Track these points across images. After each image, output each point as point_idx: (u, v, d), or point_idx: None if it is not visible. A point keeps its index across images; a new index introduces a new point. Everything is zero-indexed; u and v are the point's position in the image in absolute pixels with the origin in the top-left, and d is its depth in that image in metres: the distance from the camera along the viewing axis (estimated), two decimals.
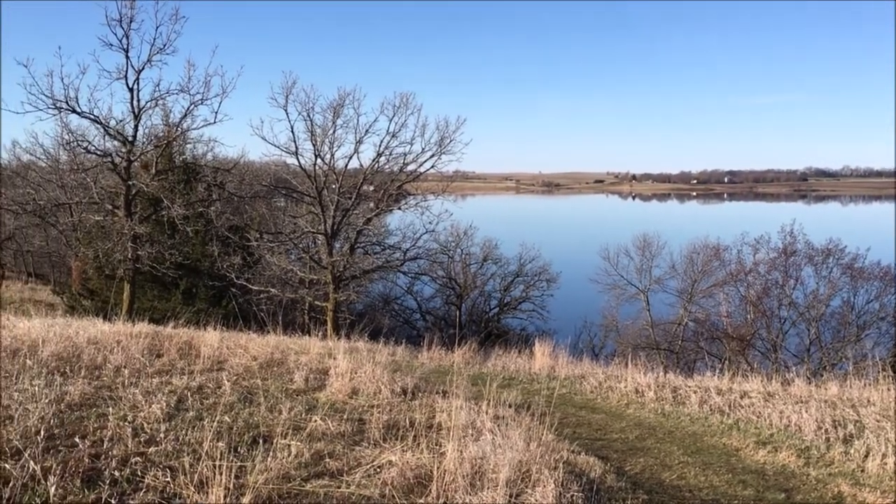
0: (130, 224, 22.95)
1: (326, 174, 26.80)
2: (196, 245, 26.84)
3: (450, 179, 29.54)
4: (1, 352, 9.44)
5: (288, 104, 25.37)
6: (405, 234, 29.51)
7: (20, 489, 4.79)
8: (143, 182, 23.39)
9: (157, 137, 26.12)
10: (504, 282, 41.42)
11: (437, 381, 10.93)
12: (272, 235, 29.27)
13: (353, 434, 6.83)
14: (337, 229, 26.59)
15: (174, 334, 12.43)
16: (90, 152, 24.28)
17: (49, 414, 6.48)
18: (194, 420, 6.81)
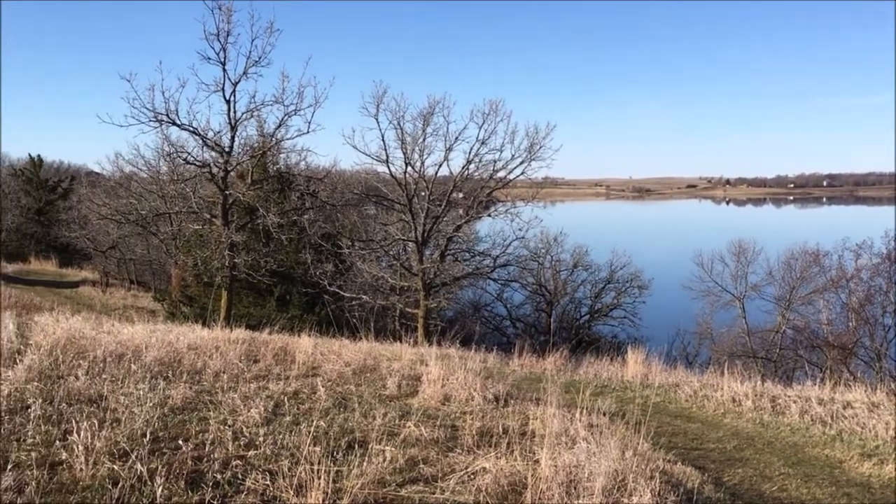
0: (228, 232, 23.50)
1: (417, 182, 27.00)
2: (290, 253, 27.32)
3: (539, 186, 29.41)
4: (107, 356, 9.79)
5: (379, 113, 25.67)
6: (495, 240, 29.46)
7: (129, 490, 4.97)
8: (239, 191, 23.93)
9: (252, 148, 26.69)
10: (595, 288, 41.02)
11: (528, 389, 10.91)
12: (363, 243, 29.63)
13: (447, 440, 6.87)
14: (427, 236, 26.75)
15: (270, 340, 12.68)
16: (189, 163, 24.98)
17: (153, 417, 6.70)
18: (291, 424, 6.95)
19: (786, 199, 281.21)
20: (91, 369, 8.74)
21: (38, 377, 8.18)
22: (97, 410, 6.94)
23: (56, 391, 7.54)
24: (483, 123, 26.06)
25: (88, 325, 13.31)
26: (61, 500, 4.83)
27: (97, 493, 4.94)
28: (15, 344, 10.34)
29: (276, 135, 24.73)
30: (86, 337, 11.48)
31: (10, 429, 6.25)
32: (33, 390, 7.53)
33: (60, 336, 11.01)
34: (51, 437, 6.06)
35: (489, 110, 25.97)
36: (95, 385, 7.88)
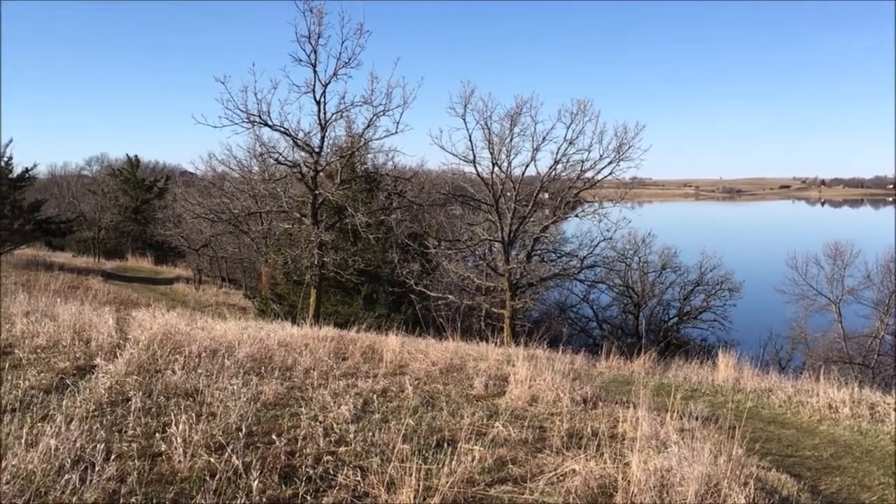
0: (317, 232, 23.86)
1: (503, 182, 26.96)
2: (377, 252, 27.59)
3: (627, 186, 29.08)
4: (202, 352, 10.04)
5: (466, 113, 25.73)
6: (582, 241, 29.22)
7: (225, 482, 5.09)
8: (328, 191, 24.28)
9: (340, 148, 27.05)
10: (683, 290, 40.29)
11: (616, 391, 10.79)
12: (450, 243, 29.76)
13: (535, 441, 6.84)
14: (513, 237, 26.70)
15: (357, 338, 12.81)
16: (280, 163, 25.47)
17: (247, 412, 6.84)
18: (380, 422, 7.02)
19: (885, 200, 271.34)
20: (187, 364, 8.97)
21: (137, 371, 8.44)
22: (193, 404, 7.13)
23: (154, 385, 7.77)
24: (571, 123, 25.90)
25: (183, 321, 13.64)
26: (161, 490, 4.98)
27: (195, 484, 5.08)
28: (114, 338, 10.67)
29: (364, 135, 25.02)
30: (181, 332, 11.79)
31: (112, 420, 6.47)
32: (133, 383, 7.78)
33: (157, 331, 11.32)
34: (150, 429, 6.26)
35: (577, 110, 25.80)
36: (191, 379, 8.09)
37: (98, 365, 8.64)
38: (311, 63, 22.90)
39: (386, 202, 28.78)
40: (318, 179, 24.54)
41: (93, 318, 12.54)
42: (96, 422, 6.30)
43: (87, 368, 8.60)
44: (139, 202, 62.23)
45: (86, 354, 9.40)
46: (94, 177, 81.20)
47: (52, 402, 6.93)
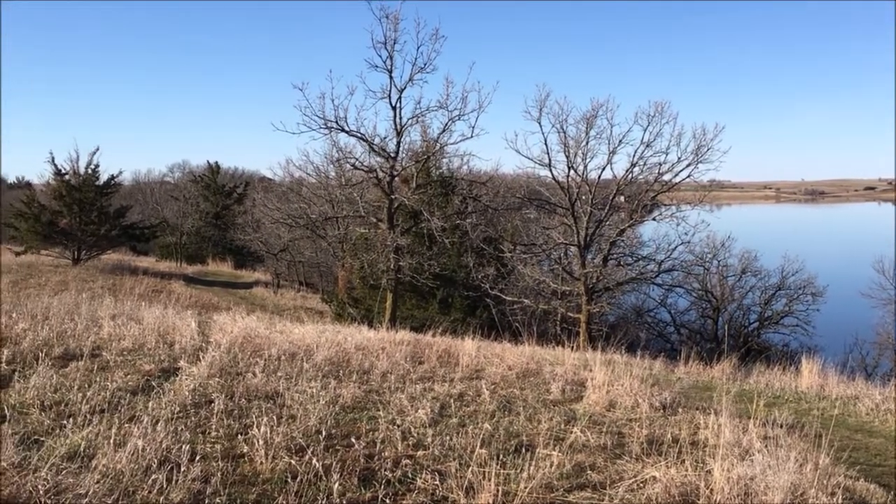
0: (393, 236, 24.04)
1: (579, 185, 26.78)
2: (452, 256, 27.64)
3: (706, 189, 28.60)
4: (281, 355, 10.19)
5: (541, 117, 25.65)
6: (659, 245, 28.83)
7: (306, 484, 5.15)
8: (404, 196, 24.44)
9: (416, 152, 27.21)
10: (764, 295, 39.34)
11: (696, 397, 10.61)
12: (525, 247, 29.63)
13: (614, 447, 6.77)
14: (589, 240, 26.49)
15: (433, 342, 12.83)
16: (357, 168, 25.77)
17: (326, 415, 6.92)
18: (458, 426, 7.02)
19: None
20: (267, 367, 9.11)
21: (219, 373, 8.60)
22: (274, 407, 7.24)
23: (236, 387, 7.92)
24: (648, 125, 25.61)
25: (262, 325, 13.85)
26: (244, 491, 5.06)
27: (277, 486, 5.16)
28: (197, 341, 10.90)
29: (439, 139, 25.12)
30: (260, 336, 11.98)
31: (196, 422, 6.61)
32: (215, 385, 7.93)
33: (237, 335, 11.53)
34: (233, 431, 6.37)
35: (654, 112, 25.49)
36: (271, 382, 8.22)
37: (181, 367, 8.83)
38: (386, 69, 23.13)
39: (461, 206, 28.85)
40: (393, 184, 24.74)
41: (176, 321, 12.82)
42: (181, 423, 6.44)
43: (171, 370, 8.80)
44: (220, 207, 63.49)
45: (170, 357, 9.62)
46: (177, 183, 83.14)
47: (139, 403, 7.12)
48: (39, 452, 5.41)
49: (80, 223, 40.94)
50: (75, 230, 40.78)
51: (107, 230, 41.71)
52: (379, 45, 22.81)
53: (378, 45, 22.81)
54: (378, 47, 22.85)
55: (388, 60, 23.00)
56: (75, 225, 40.72)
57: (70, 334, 10.81)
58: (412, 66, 23.18)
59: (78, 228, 40.81)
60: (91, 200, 41.82)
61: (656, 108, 25.49)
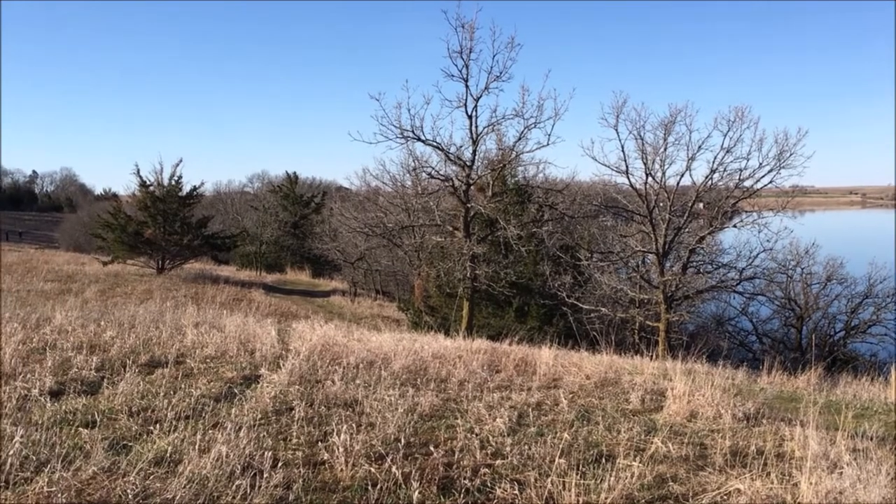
0: (469, 244, 24.08)
1: (657, 192, 26.43)
2: (528, 264, 27.55)
3: (789, 195, 27.93)
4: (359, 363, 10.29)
5: (618, 123, 25.36)
6: (740, 252, 28.23)
7: (386, 492, 5.18)
8: (480, 204, 24.47)
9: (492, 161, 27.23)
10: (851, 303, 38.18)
11: (781, 408, 10.36)
12: (602, 255, 29.36)
13: (696, 458, 6.64)
14: (668, 248, 26.12)
15: (510, 351, 12.80)
16: (433, 177, 25.88)
17: (405, 423, 6.95)
18: (536, 436, 6.98)
19: None
20: (345, 375, 9.21)
21: (299, 381, 8.72)
22: (353, 414, 7.30)
23: (315, 394, 8.01)
24: (728, 131, 25.08)
25: (340, 333, 14.00)
26: (324, 498, 5.11)
27: (357, 493, 5.20)
28: (277, 349, 11.07)
29: (515, 148, 25.10)
30: (338, 344, 12.11)
31: (278, 429, 6.70)
32: (295, 393, 8.04)
33: (316, 343, 11.67)
34: (313, 438, 6.44)
35: (734, 117, 24.97)
36: (350, 390, 8.29)
37: (262, 375, 8.98)
38: (462, 78, 23.22)
39: (537, 214, 28.75)
40: (469, 193, 24.79)
41: (256, 329, 13.05)
42: (263, 430, 6.55)
43: (252, 378, 8.95)
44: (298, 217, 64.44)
45: (251, 364, 9.79)
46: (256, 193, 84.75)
47: (222, 410, 7.25)
48: (128, 457, 5.55)
49: (164, 233, 41.99)
50: (159, 240, 41.83)
51: (189, 240, 42.70)
52: (455, 54, 22.95)
53: (454, 54, 22.94)
54: (454, 56, 22.98)
55: (463, 69, 23.11)
56: (159, 235, 41.76)
57: (155, 342, 11.10)
58: (488, 74, 23.25)
59: (162, 238, 41.85)
60: (174, 211, 42.89)
61: (737, 113, 24.98)
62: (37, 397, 7.16)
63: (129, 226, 41.80)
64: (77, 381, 8.13)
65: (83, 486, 4.80)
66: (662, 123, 25.49)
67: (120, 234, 41.53)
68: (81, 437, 6.03)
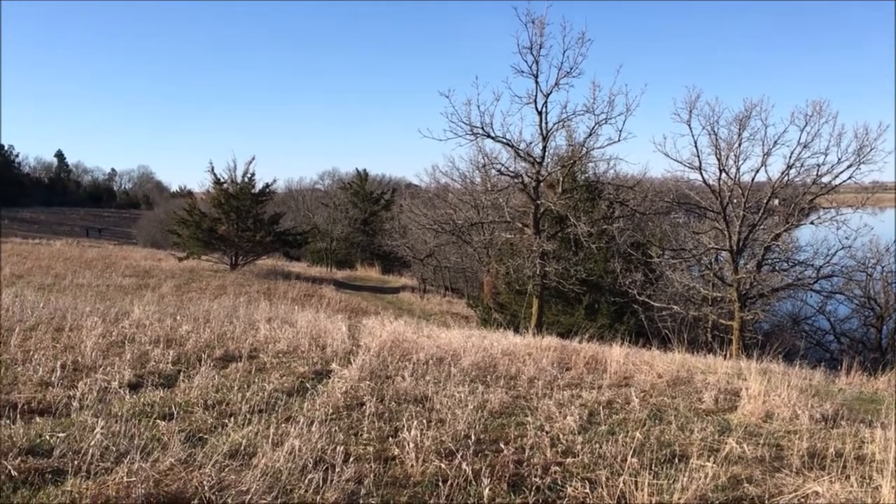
0: (539, 241, 23.98)
1: (731, 188, 25.94)
2: (599, 262, 27.33)
3: (869, 191, 27.19)
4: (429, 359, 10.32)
5: (691, 119, 24.96)
6: (817, 249, 27.58)
7: (456, 488, 5.18)
8: (549, 201, 24.34)
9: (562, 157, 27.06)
10: None
11: (860, 409, 10.09)
12: (674, 252, 28.96)
13: (772, 460, 6.50)
14: (742, 245, 25.62)
15: (580, 348, 12.72)
16: (502, 174, 25.86)
17: (474, 420, 6.95)
18: (607, 434, 6.92)
19: None
20: (415, 371, 9.24)
21: (370, 376, 8.78)
22: (423, 410, 7.33)
23: (385, 390, 8.06)
24: (805, 126, 24.46)
25: (410, 329, 14.07)
26: (395, 493, 5.13)
27: (427, 489, 5.21)
28: (347, 345, 11.17)
29: (585, 144, 24.90)
30: (408, 340, 12.18)
31: (349, 423, 6.76)
32: (366, 388, 8.10)
33: (386, 339, 11.76)
34: (383, 434, 6.48)
35: (812, 111, 24.35)
36: (420, 386, 8.33)
37: (334, 370, 9.07)
38: (532, 74, 23.13)
39: (608, 211, 28.49)
40: (539, 189, 24.68)
41: (327, 325, 13.19)
42: (334, 424, 6.60)
43: (323, 373, 9.05)
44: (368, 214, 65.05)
45: (322, 360, 9.90)
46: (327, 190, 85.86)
47: (294, 404, 7.35)
48: (203, 450, 5.65)
49: (237, 230, 42.73)
50: (233, 236, 42.58)
51: (262, 236, 43.35)
52: (525, 50, 22.88)
53: (524, 50, 22.88)
54: (524, 52, 22.92)
55: (533, 65, 23.02)
56: (233, 231, 42.52)
57: (229, 336, 11.29)
58: (558, 70, 23.12)
59: (235, 235, 42.59)
60: (247, 208, 43.63)
61: (814, 108, 24.36)
62: (116, 389, 7.33)
63: (204, 222, 42.67)
64: (154, 374, 8.32)
65: (161, 477, 4.90)
66: (737, 118, 25.00)
67: (195, 231, 42.43)
68: (159, 428, 6.16)
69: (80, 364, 8.56)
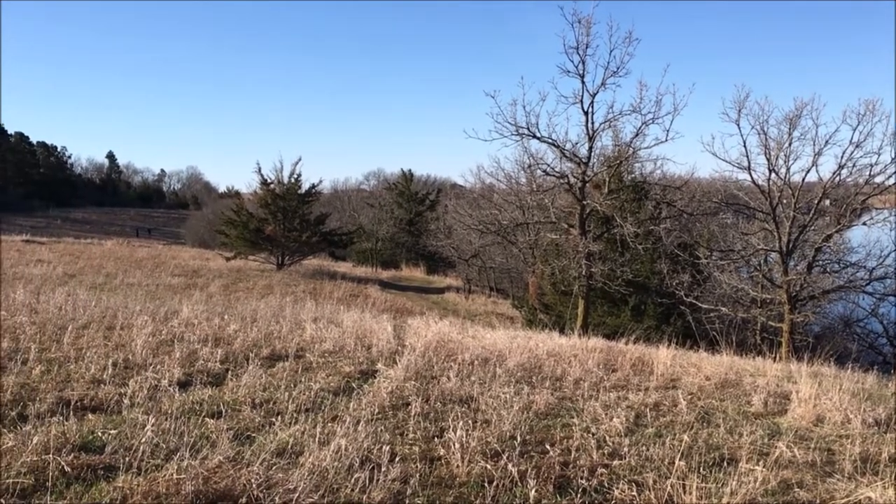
0: (584, 242, 23.85)
1: (781, 189, 25.56)
2: (645, 262, 27.11)
3: None
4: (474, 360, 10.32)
5: (740, 118, 24.63)
6: (870, 251, 27.05)
7: (502, 489, 5.17)
8: (595, 201, 24.20)
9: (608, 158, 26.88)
10: None
11: None
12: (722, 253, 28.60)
13: (823, 465, 6.39)
14: (792, 247, 25.24)
15: (626, 350, 12.64)
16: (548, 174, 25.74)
17: (520, 420, 6.93)
18: (654, 437, 6.86)
19: None
20: (460, 371, 9.25)
21: (415, 376, 8.81)
22: (468, 411, 7.33)
23: (431, 390, 8.07)
24: (857, 125, 24.03)
25: (455, 330, 14.08)
26: (441, 493, 5.13)
27: (473, 489, 5.20)
28: (393, 345, 11.22)
29: (632, 144, 24.71)
30: (453, 340, 12.19)
31: (394, 423, 6.78)
32: (411, 388, 8.12)
33: (431, 339, 11.78)
34: (429, 434, 6.49)
35: (865, 110, 23.88)
36: (465, 387, 8.33)
37: (379, 370, 9.11)
38: (579, 74, 23.01)
39: (655, 212, 28.24)
40: (585, 190, 24.53)
41: (372, 325, 13.26)
42: (380, 424, 6.63)
43: (369, 373, 9.09)
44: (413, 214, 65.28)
45: (368, 359, 9.95)
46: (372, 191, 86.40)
47: (340, 403, 7.39)
48: (251, 448, 5.71)
49: (284, 230, 43.12)
50: (279, 236, 42.99)
51: (308, 236, 43.71)
52: (571, 50, 22.76)
53: (570, 50, 22.75)
54: (570, 52, 22.80)
55: (580, 65, 22.89)
56: (279, 231, 42.92)
57: (276, 336, 11.40)
58: (604, 70, 22.96)
59: (282, 235, 42.99)
60: (294, 208, 44.03)
61: (867, 107, 23.89)
62: (166, 387, 7.43)
63: (251, 223, 43.13)
64: (203, 372, 8.42)
65: (210, 475, 4.96)
66: (787, 118, 24.62)
67: (242, 231, 42.91)
68: (208, 426, 6.23)
69: (130, 362, 8.70)
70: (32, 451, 5.15)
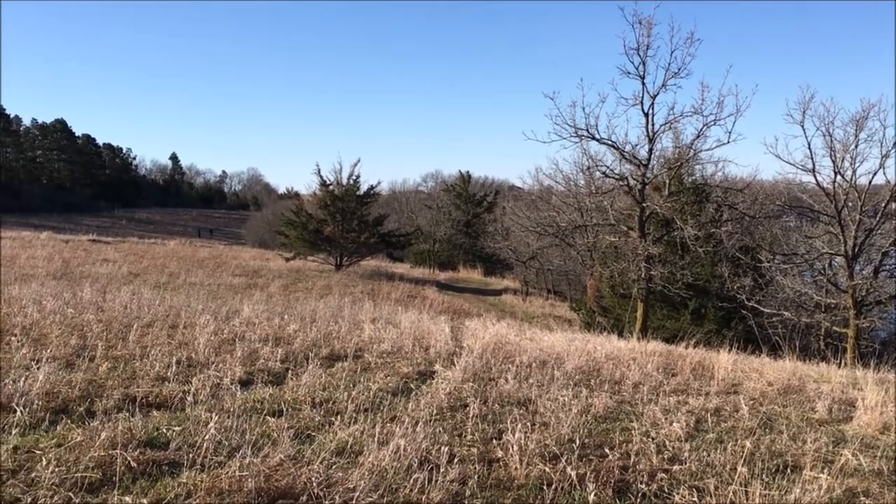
0: (644, 244, 23.62)
1: (846, 192, 25.04)
2: (706, 266, 26.77)
3: None
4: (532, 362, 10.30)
5: (805, 120, 24.19)
6: None
7: (561, 493, 5.15)
8: (655, 204, 23.95)
9: (668, 159, 26.59)
10: None
11: None
12: (785, 256, 28.12)
13: (890, 473, 6.25)
14: (858, 251, 24.71)
15: (686, 354, 12.49)
16: (607, 176, 25.53)
17: (578, 424, 6.90)
18: (714, 442, 6.77)
19: None
20: (518, 373, 9.24)
21: (473, 378, 8.81)
22: (526, 413, 7.31)
23: (489, 392, 8.07)
24: None
25: (512, 332, 14.07)
26: (499, 495, 5.13)
27: (531, 492, 5.19)
28: (450, 346, 11.24)
29: (693, 146, 24.41)
30: (511, 343, 12.18)
31: (452, 425, 6.79)
32: (469, 390, 8.12)
33: (489, 341, 11.78)
34: (487, 435, 6.49)
35: None
36: (523, 389, 8.31)
37: (437, 371, 9.14)
38: (639, 75, 22.79)
39: (716, 214, 27.86)
40: (645, 192, 24.31)
41: (430, 326, 13.30)
42: (438, 425, 6.64)
43: (427, 374, 9.12)
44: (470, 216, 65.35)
45: (425, 360, 9.98)
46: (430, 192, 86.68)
47: (399, 404, 7.42)
48: (311, 447, 5.77)
49: (343, 231, 43.48)
50: (338, 237, 43.36)
51: (366, 238, 44.03)
52: (631, 51, 22.55)
53: (630, 51, 22.55)
54: (630, 53, 22.59)
55: (640, 66, 22.67)
56: (338, 232, 43.30)
57: (335, 336, 11.50)
58: (665, 71, 22.70)
59: (340, 236, 43.36)
60: (352, 209, 44.36)
61: None
62: (228, 386, 7.54)
63: (310, 223, 43.56)
64: (264, 371, 8.53)
65: (271, 472, 5.02)
66: (853, 119, 24.10)
67: (301, 232, 43.36)
68: (269, 425, 6.31)
69: (193, 360, 8.85)
70: (100, 446, 5.28)
